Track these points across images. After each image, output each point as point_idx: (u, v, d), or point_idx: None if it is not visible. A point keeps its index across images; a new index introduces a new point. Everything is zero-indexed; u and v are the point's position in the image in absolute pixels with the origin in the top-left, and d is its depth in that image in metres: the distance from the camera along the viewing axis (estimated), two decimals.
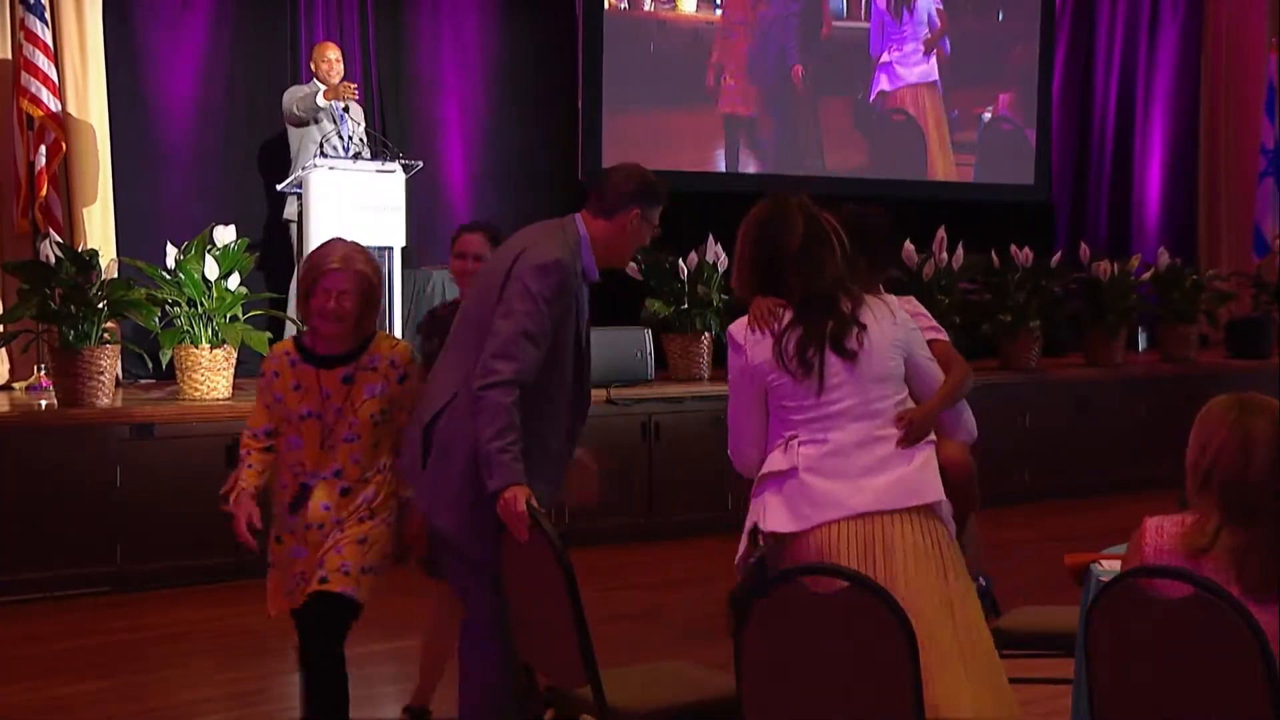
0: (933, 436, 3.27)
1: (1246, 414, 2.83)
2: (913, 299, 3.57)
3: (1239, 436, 2.81)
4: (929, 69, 10.85)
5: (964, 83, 10.98)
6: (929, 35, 10.83)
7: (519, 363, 3.51)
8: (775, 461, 3.23)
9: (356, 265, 3.83)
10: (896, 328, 3.26)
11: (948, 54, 10.90)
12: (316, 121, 7.88)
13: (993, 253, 9.20)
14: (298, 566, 3.90)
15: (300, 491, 3.88)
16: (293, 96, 7.94)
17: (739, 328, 3.31)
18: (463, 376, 3.62)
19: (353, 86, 7.97)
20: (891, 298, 3.33)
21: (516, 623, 3.59)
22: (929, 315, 3.55)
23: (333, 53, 8.10)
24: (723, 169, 10.19)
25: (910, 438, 3.21)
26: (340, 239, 3.98)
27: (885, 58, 10.69)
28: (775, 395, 3.24)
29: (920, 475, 3.18)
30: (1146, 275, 9.90)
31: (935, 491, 3.20)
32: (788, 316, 3.23)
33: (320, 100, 7.89)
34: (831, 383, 3.18)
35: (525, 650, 3.61)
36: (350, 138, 7.76)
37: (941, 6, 10.84)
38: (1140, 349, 10.84)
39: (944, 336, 3.66)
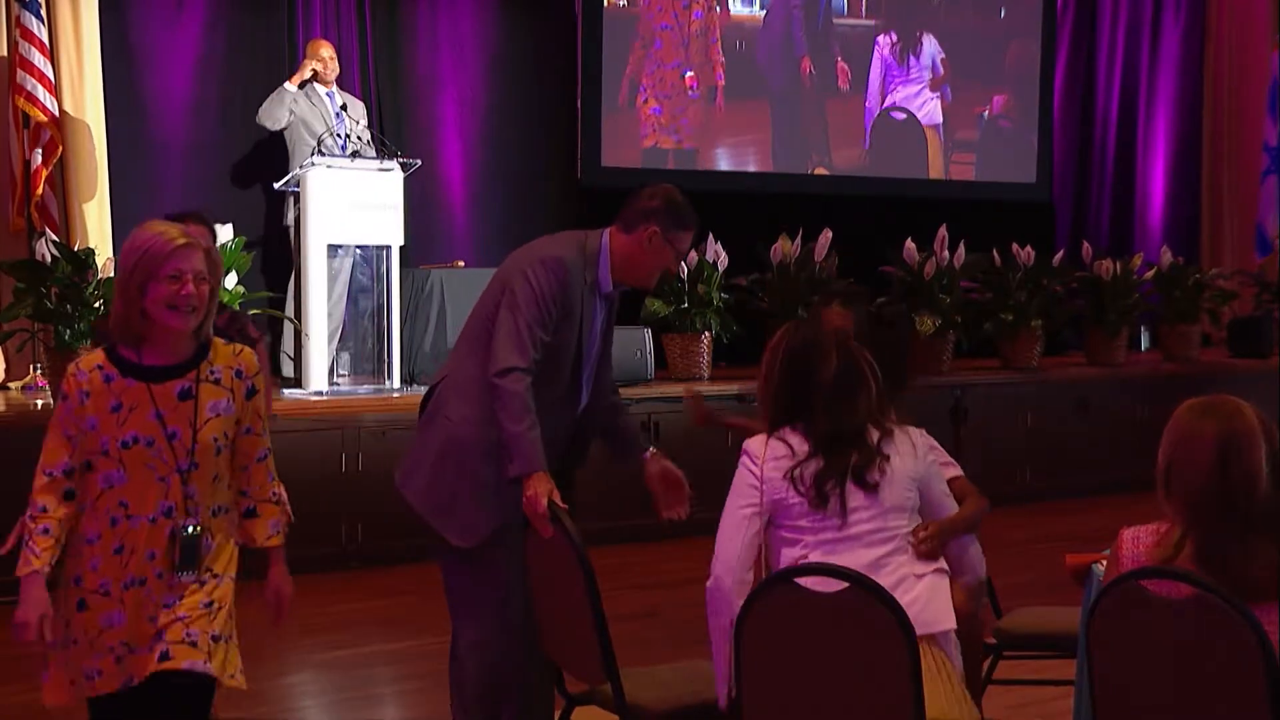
0: (944, 564, 3.22)
1: (1201, 417, 2.79)
2: (924, 432, 3.54)
3: (1191, 441, 2.77)
4: (934, 110, 10.82)
5: (965, 80, 10.94)
6: (933, 79, 10.80)
7: (526, 352, 3.58)
8: None
9: (205, 243, 3.15)
10: (916, 461, 3.21)
11: (945, 71, 10.86)
12: (292, 114, 7.85)
13: (994, 252, 9.17)
14: (112, 638, 3.08)
15: (121, 540, 3.07)
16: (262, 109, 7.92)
17: (757, 443, 3.22)
18: (458, 360, 3.76)
19: (320, 60, 7.93)
20: (913, 431, 3.27)
21: (542, 619, 3.60)
22: (944, 451, 3.50)
23: (326, 50, 8.05)
24: (724, 167, 10.14)
25: (927, 546, 3.16)
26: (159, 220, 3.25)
27: (889, 101, 10.66)
28: (787, 514, 3.16)
29: (931, 604, 3.12)
30: (1149, 274, 9.87)
31: (947, 619, 3.14)
32: (804, 448, 3.17)
33: (288, 86, 7.87)
34: (850, 507, 3.13)
35: (550, 647, 3.61)
36: (348, 135, 7.72)
37: (945, 56, 10.78)
38: (1142, 348, 10.82)
39: (959, 471, 3.59)
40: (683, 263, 8.03)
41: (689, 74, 9.83)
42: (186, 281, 3.03)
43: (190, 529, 3.08)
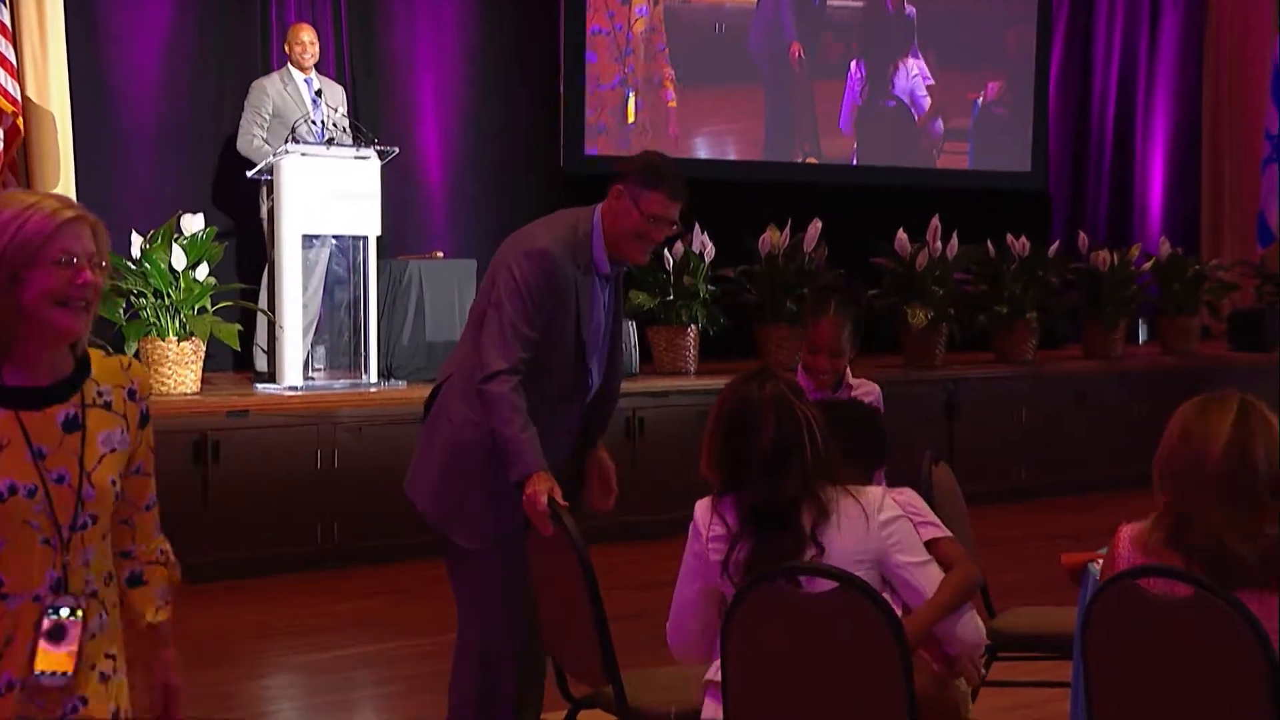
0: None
1: (1213, 405, 2.76)
2: (909, 491, 3.32)
3: (1205, 426, 2.73)
4: (926, 97, 10.68)
5: (959, 67, 10.82)
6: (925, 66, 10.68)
7: (511, 352, 3.53)
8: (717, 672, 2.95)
9: (91, 215, 2.30)
10: (866, 536, 2.91)
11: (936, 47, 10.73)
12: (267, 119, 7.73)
13: (988, 242, 9.09)
14: None
15: None
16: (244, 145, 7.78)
17: (703, 511, 3.01)
18: (459, 360, 3.73)
19: (299, 44, 7.82)
20: (875, 495, 2.99)
21: (545, 620, 3.59)
22: (928, 513, 3.28)
23: (307, 34, 7.87)
24: (713, 155, 10.01)
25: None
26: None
27: (879, 87, 10.53)
28: (727, 593, 2.95)
29: None
30: (1147, 265, 9.84)
31: None
32: (735, 526, 2.95)
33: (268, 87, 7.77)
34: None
35: (553, 648, 3.59)
36: (324, 122, 7.58)
37: (933, 81, 10.63)
38: (1140, 341, 10.79)
39: (944, 534, 3.30)
40: (668, 253, 7.93)
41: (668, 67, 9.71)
42: (81, 268, 2.22)
43: (67, 611, 2.24)
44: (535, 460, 3.46)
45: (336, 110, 7.72)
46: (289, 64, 7.88)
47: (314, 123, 7.64)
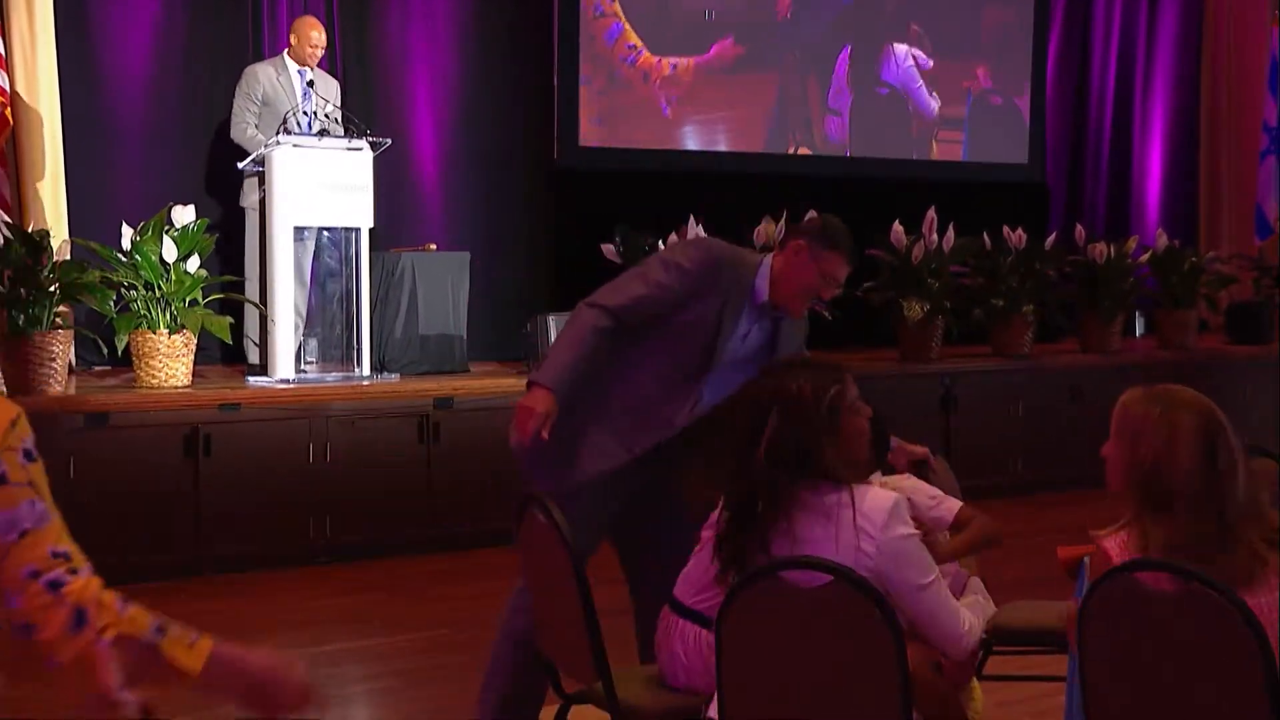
0: None
1: (1172, 409, 2.83)
2: (911, 477, 3.29)
3: (1172, 431, 2.79)
4: (920, 86, 10.63)
5: (953, 57, 10.77)
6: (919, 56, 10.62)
7: (624, 298, 3.72)
8: None
9: None
10: (837, 555, 2.84)
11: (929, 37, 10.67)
12: (259, 105, 7.66)
13: (985, 235, 9.04)
14: None
15: None
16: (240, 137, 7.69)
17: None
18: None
19: (307, 40, 7.72)
20: (871, 496, 2.95)
21: (536, 617, 3.60)
22: (934, 493, 3.35)
23: (317, 32, 7.78)
24: (702, 147, 9.96)
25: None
26: None
27: (873, 76, 10.47)
28: None
29: None
30: (1144, 258, 9.78)
31: None
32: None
33: (261, 78, 7.70)
34: None
35: (544, 644, 3.59)
36: (315, 114, 7.53)
37: (929, 66, 10.54)
38: (1138, 334, 10.75)
39: (951, 507, 3.42)
40: (663, 245, 7.87)
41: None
42: None
43: None
44: (560, 381, 3.60)
45: (328, 102, 7.67)
46: (286, 55, 7.82)
47: (306, 114, 7.60)
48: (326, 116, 7.50)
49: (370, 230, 7.32)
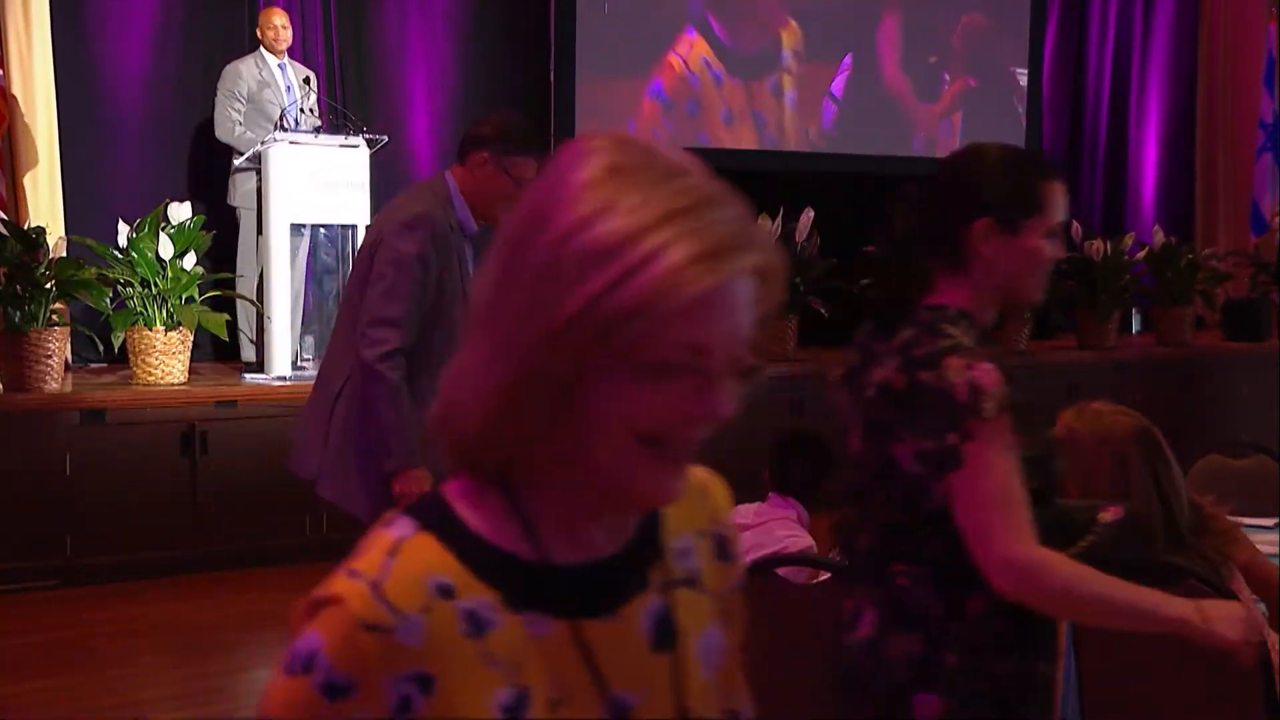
0: None
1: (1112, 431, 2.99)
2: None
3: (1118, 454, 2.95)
4: (915, 82, 10.61)
5: (949, 54, 10.77)
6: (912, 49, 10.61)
7: (398, 328, 3.51)
8: None
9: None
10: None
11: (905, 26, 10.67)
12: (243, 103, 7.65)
13: None
14: None
15: None
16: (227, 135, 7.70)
17: None
18: (354, 355, 3.62)
19: (271, 28, 7.75)
20: None
21: None
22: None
23: (279, 18, 7.81)
24: (700, 144, 9.96)
25: None
26: None
27: (867, 71, 10.47)
28: None
29: None
30: (1141, 254, 9.77)
31: None
32: None
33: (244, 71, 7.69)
34: None
35: None
36: (301, 110, 7.52)
37: (925, 65, 10.56)
38: (1134, 331, 10.71)
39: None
40: None
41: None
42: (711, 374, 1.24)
43: None
44: (415, 453, 3.46)
45: (312, 96, 7.69)
46: (261, 48, 7.82)
47: (302, 111, 7.59)
48: (311, 112, 7.51)
49: (366, 228, 7.30)
